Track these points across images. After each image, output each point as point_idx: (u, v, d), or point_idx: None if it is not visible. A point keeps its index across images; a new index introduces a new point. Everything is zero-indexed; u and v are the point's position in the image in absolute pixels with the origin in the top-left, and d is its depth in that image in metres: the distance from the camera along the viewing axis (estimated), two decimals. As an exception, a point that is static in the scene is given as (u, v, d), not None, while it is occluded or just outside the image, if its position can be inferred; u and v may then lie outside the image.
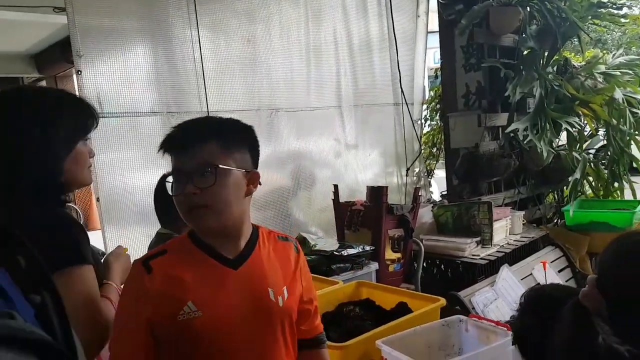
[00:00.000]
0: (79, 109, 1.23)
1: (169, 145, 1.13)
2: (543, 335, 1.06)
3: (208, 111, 2.80)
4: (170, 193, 1.12)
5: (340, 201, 3.06)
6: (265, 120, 3.09)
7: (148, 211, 2.51)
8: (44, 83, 8.43)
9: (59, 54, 6.56)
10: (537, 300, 1.14)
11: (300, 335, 1.24)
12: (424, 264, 3.02)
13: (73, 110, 1.22)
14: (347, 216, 2.96)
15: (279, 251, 1.23)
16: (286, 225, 3.27)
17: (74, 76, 2.52)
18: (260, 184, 1.19)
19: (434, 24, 3.88)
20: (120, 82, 2.55)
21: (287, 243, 1.26)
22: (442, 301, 1.85)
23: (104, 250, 2.43)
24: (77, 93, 2.45)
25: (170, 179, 1.13)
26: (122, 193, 2.54)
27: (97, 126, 1.26)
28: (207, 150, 1.09)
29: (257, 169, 1.20)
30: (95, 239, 2.53)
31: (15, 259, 0.57)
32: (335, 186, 3.09)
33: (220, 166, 1.09)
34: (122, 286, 1.24)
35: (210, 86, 2.83)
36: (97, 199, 2.48)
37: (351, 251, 2.58)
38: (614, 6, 3.41)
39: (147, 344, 1.08)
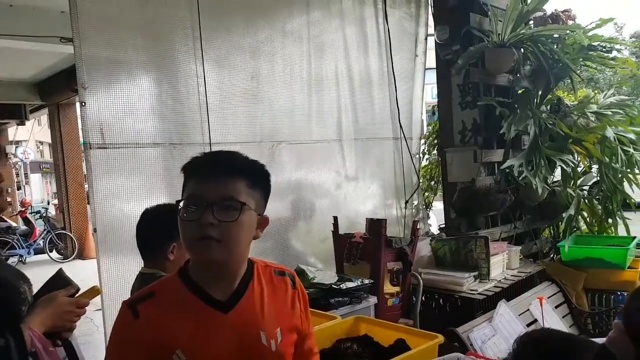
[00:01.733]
0: None
1: (196, 170, 1.10)
2: None
3: (210, 143, 2.86)
4: (182, 217, 1.07)
5: (340, 233, 3.09)
6: (266, 152, 3.15)
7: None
8: (45, 110, 8.56)
9: (63, 82, 6.70)
10: (531, 348, 1.16)
11: None
12: (423, 298, 3.03)
13: None
14: (346, 248, 2.98)
15: (274, 288, 1.19)
16: (285, 256, 3.29)
17: (77, 105, 2.57)
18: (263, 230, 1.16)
19: (432, 61, 4.00)
20: (123, 113, 2.59)
21: (284, 278, 1.23)
22: (440, 338, 1.86)
23: (97, 282, 2.42)
24: (79, 124, 2.49)
25: (183, 203, 1.08)
26: (120, 223, 2.53)
27: None
28: (235, 185, 1.07)
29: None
30: (91, 267, 2.51)
31: None
32: (335, 218, 3.13)
33: (246, 205, 1.07)
34: (41, 330, 1.22)
35: (213, 118, 2.90)
36: (95, 230, 2.47)
37: (350, 284, 2.59)
38: (603, 49, 3.53)
39: None
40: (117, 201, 2.56)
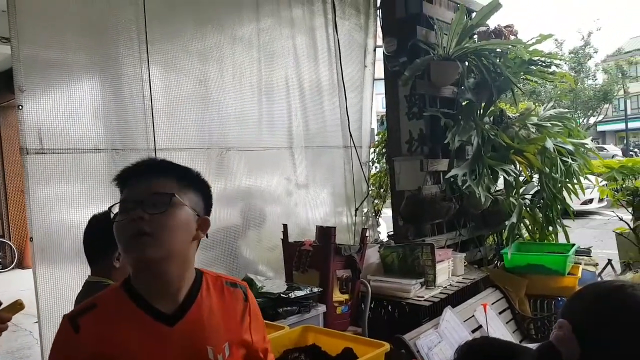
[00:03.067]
0: None
1: (126, 176, 1.10)
2: None
3: (155, 149, 2.77)
4: (115, 220, 1.07)
5: (290, 241, 3.07)
6: (215, 159, 3.09)
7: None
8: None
9: (2, 84, 6.34)
10: (471, 357, 1.19)
11: None
12: (372, 305, 3.05)
13: None
14: (295, 256, 2.96)
15: (225, 300, 1.17)
16: (234, 265, 3.24)
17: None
18: (207, 236, 1.17)
19: (381, 71, 4.08)
20: (64, 117, 2.48)
21: (235, 290, 1.21)
22: (387, 346, 1.88)
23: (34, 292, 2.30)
24: (19, 128, 2.38)
25: (114, 209, 1.09)
26: (59, 231, 2.43)
27: None
28: (164, 182, 1.09)
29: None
30: (31, 278, 2.40)
31: None
32: (285, 225, 3.11)
33: (176, 196, 1.07)
34: None
35: (159, 124, 2.81)
36: (31, 239, 2.34)
37: (299, 293, 2.57)
38: (543, 64, 3.71)
39: None
40: (57, 209, 2.45)
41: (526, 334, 3.31)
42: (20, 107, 2.35)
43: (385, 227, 4.75)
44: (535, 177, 4.07)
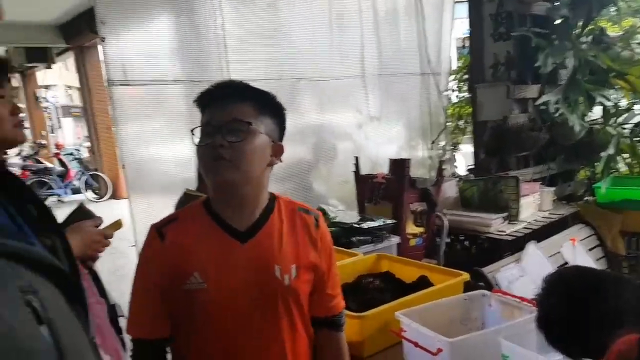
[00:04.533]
0: None
1: (205, 99, 1.13)
2: (571, 313, 1.00)
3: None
4: (197, 144, 1.10)
5: (361, 174, 3.00)
6: (287, 90, 3.03)
7: (174, 179, 2.53)
8: (71, 53, 8.55)
9: (84, 24, 6.62)
10: (563, 282, 1.06)
11: (313, 313, 1.21)
12: (448, 240, 2.96)
13: None
14: (367, 189, 2.90)
15: (295, 224, 1.18)
16: (306, 197, 3.24)
17: (99, 46, 2.53)
18: (281, 161, 1.18)
19: (463, -9, 3.73)
20: (143, 50, 2.54)
21: (307, 216, 1.20)
22: (465, 275, 1.80)
23: (130, 219, 2.44)
24: (103, 61, 2.45)
25: (196, 131, 1.12)
26: (147, 162, 2.56)
27: (8, 79, 1.24)
28: (242, 108, 1.09)
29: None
30: (125, 207, 2.57)
31: (27, 209, 0.60)
32: (356, 158, 3.03)
33: (252, 125, 1.08)
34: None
35: (232, 54, 2.79)
36: (123, 166, 2.49)
37: (372, 224, 2.53)
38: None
39: (157, 305, 1.11)
40: (142, 137, 2.56)
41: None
42: (103, 40, 2.42)
43: (463, 163, 4.52)
44: (639, 104, 3.63)
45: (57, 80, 13.48)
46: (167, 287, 1.10)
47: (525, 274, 2.47)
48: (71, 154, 9.49)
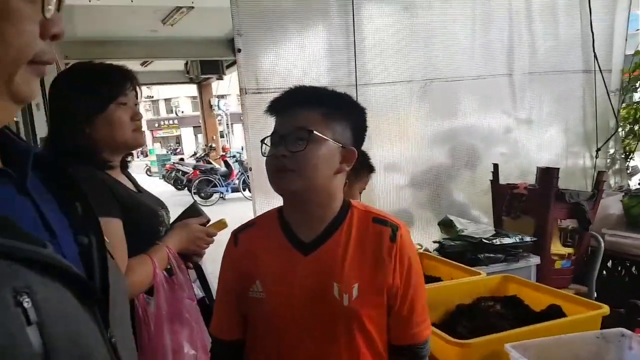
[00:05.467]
0: (102, 78, 1.32)
1: (274, 107, 1.11)
2: None
3: (356, 84, 2.72)
4: (264, 154, 1.11)
5: (500, 183, 2.71)
6: (417, 93, 2.89)
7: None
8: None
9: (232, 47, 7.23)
10: None
11: (390, 340, 1.08)
12: (609, 265, 2.51)
13: (96, 80, 1.31)
14: (506, 200, 2.60)
15: (367, 237, 1.06)
16: (440, 206, 3.04)
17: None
18: (351, 165, 1.09)
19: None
20: (275, 59, 2.63)
21: (383, 228, 1.06)
22: (604, 309, 1.47)
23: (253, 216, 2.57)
24: (237, 70, 2.61)
25: (267, 141, 1.11)
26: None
27: (135, 90, 1.35)
28: (307, 115, 1.05)
29: (358, 149, 1.10)
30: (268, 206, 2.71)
31: (74, 205, 0.63)
32: (495, 165, 2.75)
33: (315, 132, 1.03)
34: (176, 250, 1.37)
35: (361, 58, 2.74)
36: (250, 169, 2.63)
37: (505, 240, 2.26)
38: None
39: (233, 309, 1.12)
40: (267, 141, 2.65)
41: None
42: (239, 50, 2.56)
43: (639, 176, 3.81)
44: None
45: (230, 89, 15.05)
46: (240, 292, 1.10)
47: None
48: (234, 156, 10.56)
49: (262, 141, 1.12)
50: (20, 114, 3.75)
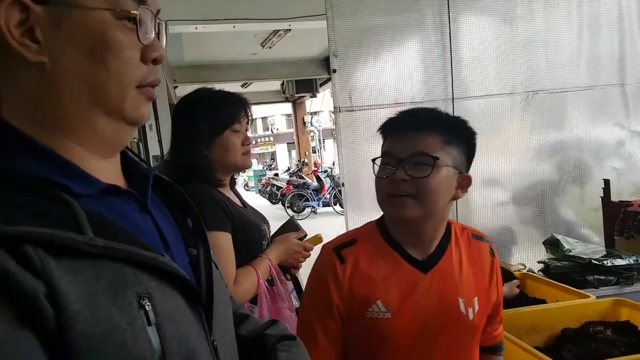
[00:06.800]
0: (220, 106, 1.44)
1: (388, 128, 1.09)
2: None
3: (453, 98, 2.69)
4: (376, 174, 1.08)
5: (612, 200, 2.51)
6: (519, 105, 2.78)
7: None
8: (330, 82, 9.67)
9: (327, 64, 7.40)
10: None
11: (482, 342, 1.12)
12: None
13: (215, 107, 1.43)
14: (619, 219, 2.41)
15: (472, 253, 1.09)
16: (545, 224, 2.88)
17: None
18: (466, 191, 1.08)
19: None
20: (369, 77, 2.68)
21: (482, 244, 1.11)
22: None
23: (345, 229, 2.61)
24: (332, 89, 2.70)
25: (378, 161, 1.09)
26: (361, 180, 2.65)
27: (247, 117, 1.46)
28: (429, 140, 1.03)
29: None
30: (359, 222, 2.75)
31: (186, 220, 0.71)
32: (607, 181, 2.55)
33: (439, 159, 1.01)
34: (276, 262, 1.46)
35: (457, 71, 2.71)
36: (342, 184, 2.69)
37: (618, 262, 2.09)
38: None
39: (333, 327, 1.08)
40: (359, 158, 2.69)
41: None
42: (334, 71, 2.66)
43: None
44: None
45: (322, 106, 15.42)
46: (347, 313, 1.06)
47: None
48: (325, 171, 10.79)
49: (373, 161, 1.10)
50: (137, 133, 4.13)
